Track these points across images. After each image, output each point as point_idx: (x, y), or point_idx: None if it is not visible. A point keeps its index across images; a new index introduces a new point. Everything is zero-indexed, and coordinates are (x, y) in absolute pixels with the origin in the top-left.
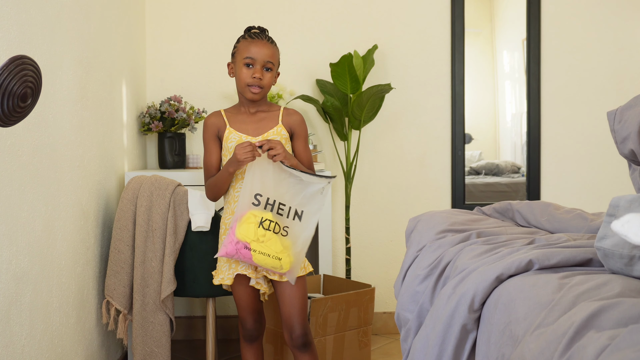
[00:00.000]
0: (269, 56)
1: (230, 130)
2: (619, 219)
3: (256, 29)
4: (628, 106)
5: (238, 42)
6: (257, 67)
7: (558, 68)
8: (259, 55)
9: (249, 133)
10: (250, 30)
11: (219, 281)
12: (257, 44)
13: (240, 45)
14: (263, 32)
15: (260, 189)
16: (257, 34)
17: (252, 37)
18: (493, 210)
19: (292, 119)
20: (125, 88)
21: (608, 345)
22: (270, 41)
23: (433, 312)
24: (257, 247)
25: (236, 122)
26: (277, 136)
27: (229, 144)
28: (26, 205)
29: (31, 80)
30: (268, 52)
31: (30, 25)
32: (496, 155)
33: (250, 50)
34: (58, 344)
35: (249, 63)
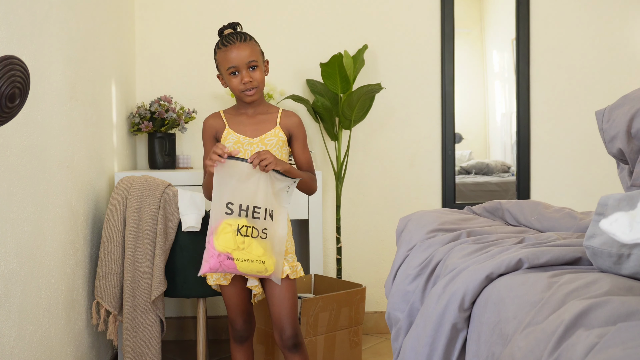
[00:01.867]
0: (249, 56)
1: (229, 131)
2: (608, 218)
3: (228, 31)
4: (616, 105)
5: (216, 54)
6: (243, 72)
7: (547, 68)
8: (239, 60)
9: (247, 134)
10: (222, 35)
11: (214, 281)
12: (233, 50)
13: (219, 57)
14: (235, 34)
15: (230, 197)
16: (229, 38)
17: (225, 44)
18: (483, 209)
19: (290, 121)
20: (115, 88)
21: (597, 343)
22: (243, 40)
23: (423, 312)
24: (239, 255)
25: (235, 123)
26: (275, 138)
27: (227, 144)
28: (15, 206)
29: (19, 80)
30: (247, 53)
31: (19, 25)
32: (486, 154)
33: (230, 59)
34: (47, 345)
35: (233, 72)
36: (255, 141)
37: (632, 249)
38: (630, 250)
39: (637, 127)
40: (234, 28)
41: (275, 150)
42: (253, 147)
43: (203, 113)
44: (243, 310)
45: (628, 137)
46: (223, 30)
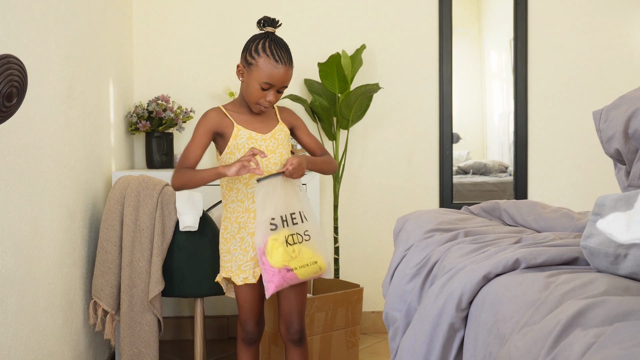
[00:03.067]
0: (286, 81)
1: (239, 128)
2: (605, 218)
3: (282, 48)
4: (613, 106)
5: (258, 54)
6: (272, 92)
7: (545, 68)
8: (279, 82)
9: (259, 131)
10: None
11: (242, 281)
12: (280, 71)
13: (261, 64)
14: (286, 53)
15: (272, 213)
16: (282, 55)
17: (277, 59)
18: (480, 209)
19: (287, 115)
20: (113, 87)
21: (594, 343)
22: (290, 63)
23: (421, 311)
24: (295, 264)
25: (242, 120)
26: (282, 133)
27: (239, 140)
28: (12, 206)
29: (17, 79)
30: (287, 77)
31: (16, 24)
32: (484, 154)
33: (272, 76)
34: (45, 345)
35: (266, 88)
36: (267, 137)
37: (629, 249)
38: (627, 251)
39: (634, 128)
40: (275, 25)
41: (284, 144)
42: (266, 143)
43: (200, 113)
44: (257, 311)
45: (625, 137)
46: (265, 24)
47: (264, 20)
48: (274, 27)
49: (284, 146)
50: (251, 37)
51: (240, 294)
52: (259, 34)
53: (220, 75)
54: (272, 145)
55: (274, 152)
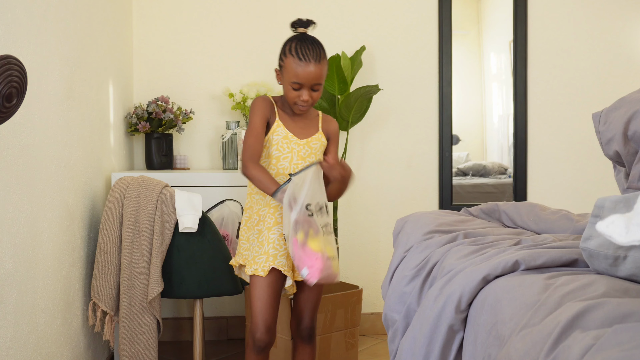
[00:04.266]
0: (316, 79)
1: (279, 124)
2: (604, 220)
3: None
4: (613, 108)
5: (285, 55)
6: (305, 90)
7: (544, 70)
8: (306, 80)
9: (296, 134)
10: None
11: (252, 271)
12: (306, 68)
13: (288, 63)
14: (313, 50)
15: (309, 199)
16: (306, 53)
17: (301, 57)
18: (480, 211)
19: (329, 126)
20: (112, 88)
21: (593, 345)
22: (318, 60)
23: (420, 313)
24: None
25: (284, 117)
26: (318, 142)
27: (275, 136)
28: (11, 206)
29: (16, 80)
30: (317, 75)
31: (16, 24)
32: (483, 156)
33: (298, 75)
34: (44, 346)
35: (296, 87)
36: (302, 142)
37: (629, 251)
38: (626, 252)
39: (633, 130)
40: (307, 26)
41: (317, 153)
42: (299, 148)
43: (200, 114)
44: (269, 314)
45: (624, 139)
46: (296, 25)
47: (296, 22)
48: (304, 28)
49: (316, 155)
50: (285, 41)
51: (254, 290)
52: (292, 36)
53: (220, 76)
54: (303, 152)
55: (304, 159)
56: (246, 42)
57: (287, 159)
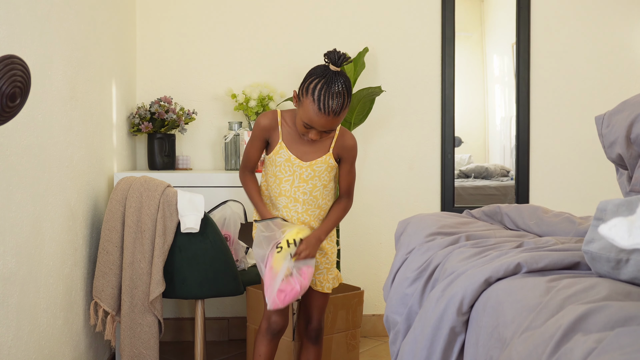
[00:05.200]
0: (330, 127)
1: (282, 146)
2: (606, 223)
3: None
4: (616, 111)
5: (307, 93)
6: (314, 132)
7: (547, 72)
8: (320, 127)
9: (299, 156)
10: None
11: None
12: (322, 118)
13: (306, 104)
14: (336, 103)
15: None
16: (329, 107)
17: (321, 108)
18: (482, 213)
19: (344, 145)
20: (115, 88)
21: (595, 349)
22: (337, 114)
23: (422, 315)
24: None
25: (289, 137)
26: (324, 165)
27: (278, 158)
28: (14, 206)
29: (20, 80)
30: (332, 125)
31: (20, 24)
32: (485, 158)
33: (312, 121)
34: (45, 345)
35: (307, 126)
36: (305, 165)
37: (631, 254)
38: (628, 256)
39: (636, 133)
40: (339, 64)
41: (323, 175)
42: (302, 171)
43: (203, 114)
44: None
45: (627, 142)
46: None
47: (329, 54)
48: (336, 66)
49: (319, 178)
50: (313, 69)
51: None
52: (320, 69)
53: (223, 77)
54: (306, 175)
55: (306, 182)
56: (249, 43)
57: (289, 181)
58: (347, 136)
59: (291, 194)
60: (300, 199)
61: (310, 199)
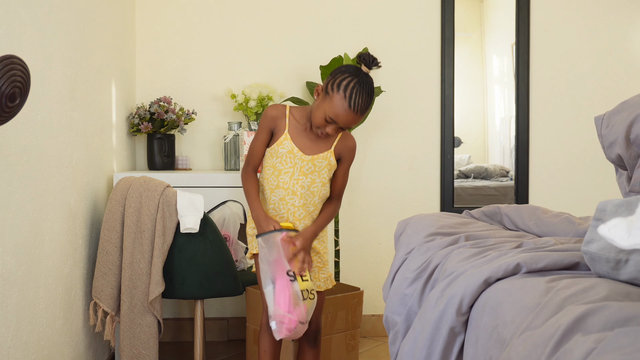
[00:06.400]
0: (352, 124)
1: (286, 137)
2: (606, 223)
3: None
4: (615, 111)
5: (338, 89)
6: (334, 127)
7: (547, 73)
8: (343, 123)
9: (302, 149)
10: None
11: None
12: (349, 114)
13: (335, 99)
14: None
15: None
16: (358, 104)
17: (351, 105)
18: (481, 213)
19: (345, 145)
20: (115, 88)
21: (594, 349)
22: (364, 112)
23: (421, 315)
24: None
25: (294, 130)
26: (325, 161)
27: (280, 148)
28: (13, 206)
29: (19, 80)
30: (355, 122)
31: (19, 24)
32: (485, 159)
33: (338, 116)
34: (45, 345)
35: (329, 122)
36: (307, 158)
37: (630, 254)
38: (628, 256)
39: (635, 133)
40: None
41: (322, 172)
42: (303, 164)
43: (202, 114)
44: None
45: (627, 143)
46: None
47: (362, 56)
48: (368, 68)
49: (318, 173)
50: (343, 66)
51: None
52: (352, 68)
53: (222, 77)
54: (306, 168)
55: (305, 175)
56: (249, 43)
57: (289, 173)
58: (349, 137)
59: (289, 187)
60: (298, 192)
61: (307, 194)
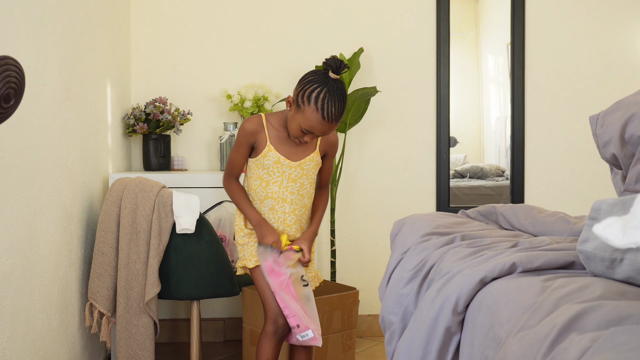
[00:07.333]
0: (329, 132)
1: (270, 148)
2: (601, 223)
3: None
4: (610, 111)
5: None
6: (311, 135)
7: (542, 72)
8: (320, 133)
9: (288, 156)
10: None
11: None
12: (325, 125)
13: (308, 112)
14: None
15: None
16: (332, 114)
17: (324, 117)
18: (477, 213)
19: (328, 142)
20: (110, 89)
21: (590, 348)
22: (337, 121)
23: (417, 315)
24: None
25: (276, 139)
26: (312, 162)
27: (266, 160)
28: (8, 207)
29: (14, 81)
30: (331, 130)
31: (14, 25)
32: (481, 158)
33: (314, 128)
34: (40, 346)
35: (305, 132)
36: (294, 164)
37: (625, 253)
38: (623, 255)
39: (630, 133)
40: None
41: (310, 173)
42: (291, 171)
43: (198, 115)
44: None
45: (621, 142)
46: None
47: (328, 62)
48: (336, 74)
49: (307, 176)
50: (310, 74)
51: (260, 281)
52: (319, 76)
53: (218, 78)
54: (295, 174)
55: (295, 182)
56: (244, 44)
57: (277, 182)
58: (332, 133)
59: (279, 195)
60: (288, 198)
61: (297, 199)
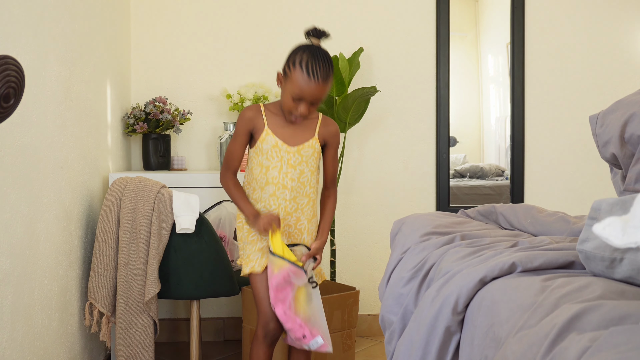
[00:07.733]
0: (320, 96)
1: (268, 132)
2: (601, 222)
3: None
4: (610, 110)
5: (294, 66)
6: (304, 104)
7: (542, 72)
8: (309, 96)
9: (286, 140)
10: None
11: (249, 269)
12: (312, 85)
13: (295, 76)
14: (322, 68)
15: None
16: (315, 71)
17: (310, 75)
18: (477, 213)
19: (328, 130)
20: (110, 89)
21: (589, 347)
22: (326, 80)
23: (417, 314)
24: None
25: (274, 124)
26: (311, 149)
27: (264, 145)
28: (8, 207)
29: (14, 80)
30: (320, 93)
31: (13, 24)
32: (480, 158)
33: (303, 90)
34: (40, 346)
35: (296, 99)
36: (292, 150)
37: (625, 253)
38: (622, 255)
39: (630, 132)
40: (320, 37)
41: (310, 160)
42: (289, 156)
43: (198, 115)
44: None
45: (621, 142)
46: (311, 35)
47: (309, 32)
48: (318, 39)
49: (307, 163)
50: (294, 47)
51: (256, 286)
52: (302, 44)
53: (217, 77)
54: (294, 160)
55: (294, 167)
56: (244, 43)
57: (277, 168)
58: (330, 122)
59: (279, 181)
60: (288, 185)
61: (298, 186)
